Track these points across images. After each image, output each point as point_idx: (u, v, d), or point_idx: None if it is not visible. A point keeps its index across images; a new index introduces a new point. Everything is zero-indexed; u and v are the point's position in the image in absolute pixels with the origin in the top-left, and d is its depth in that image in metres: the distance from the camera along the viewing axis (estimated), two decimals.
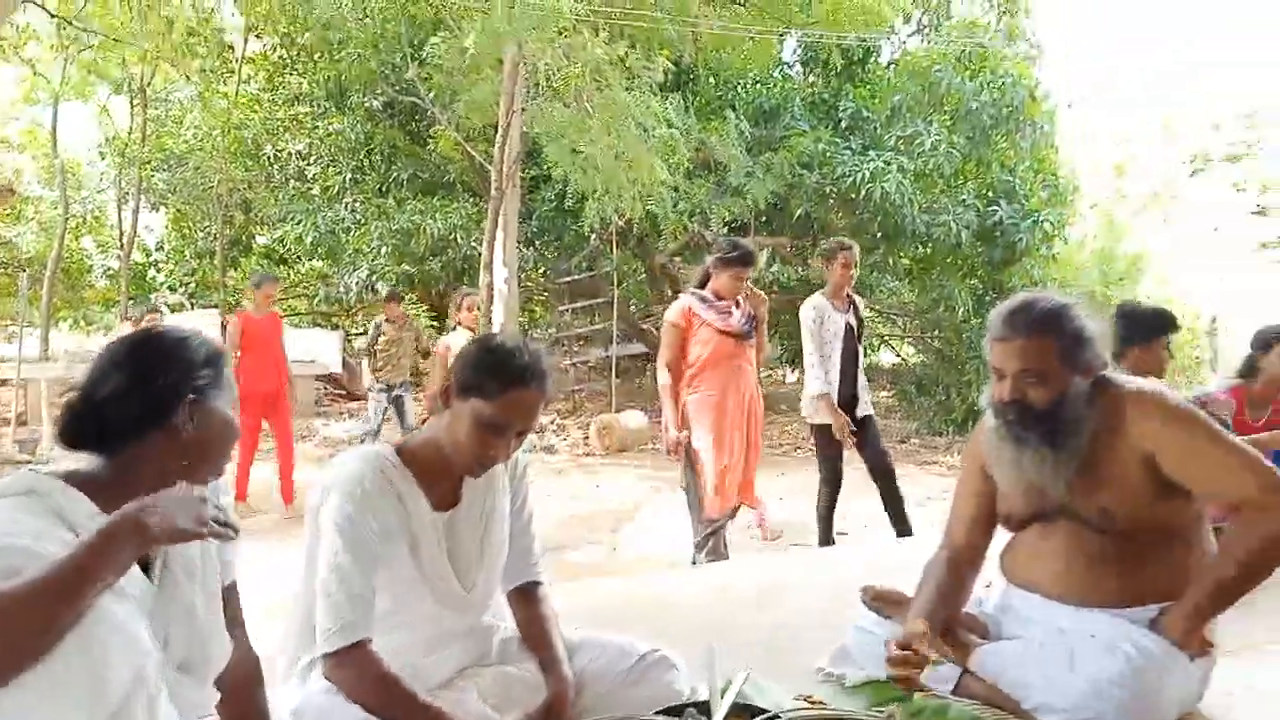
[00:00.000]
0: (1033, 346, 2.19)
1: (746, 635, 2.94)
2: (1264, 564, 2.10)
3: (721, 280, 4.65)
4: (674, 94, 11.45)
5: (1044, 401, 2.19)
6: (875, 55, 13.62)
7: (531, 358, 1.94)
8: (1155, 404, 2.21)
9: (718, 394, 4.65)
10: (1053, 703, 2.13)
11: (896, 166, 11.49)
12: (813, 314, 5.29)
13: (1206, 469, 2.14)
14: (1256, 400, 4.30)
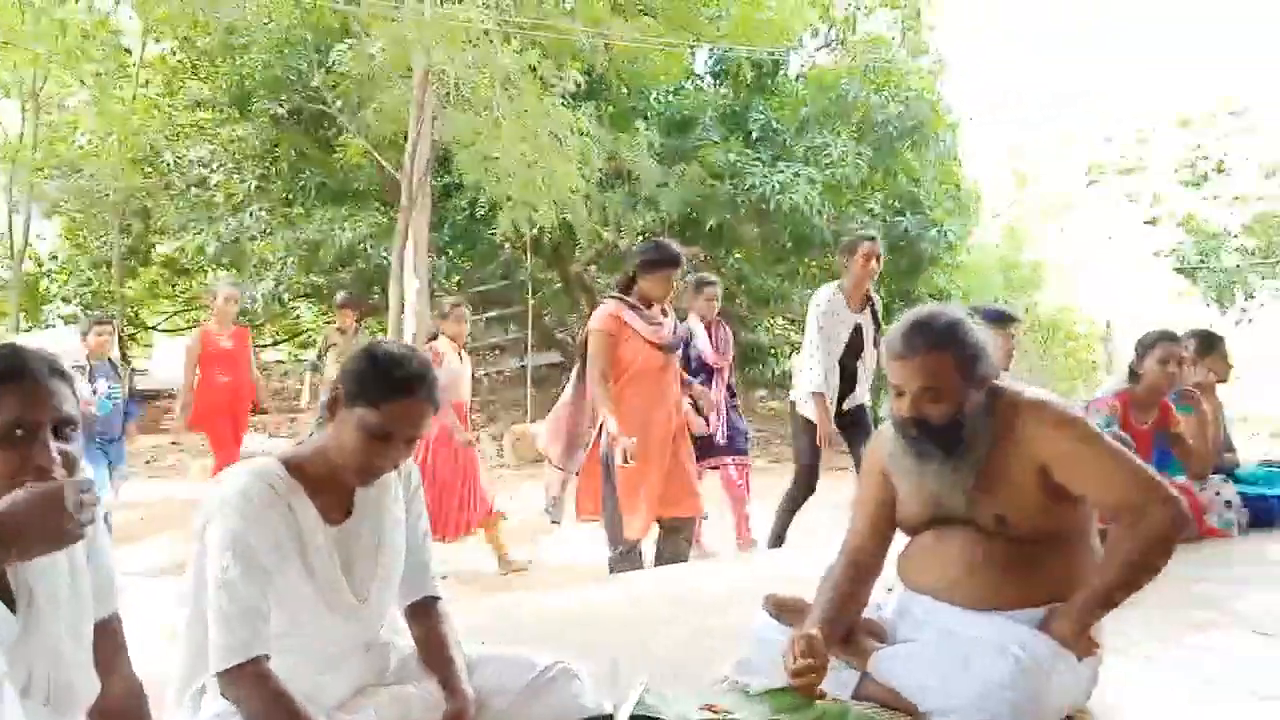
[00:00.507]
0: (930, 364, 2.23)
1: (658, 645, 2.94)
2: (1147, 566, 2.18)
3: (650, 284, 4.38)
4: (586, 103, 11.47)
5: (943, 416, 2.24)
6: (784, 68, 13.83)
7: (418, 365, 1.92)
8: (1046, 413, 2.27)
9: (642, 410, 4.39)
10: (946, 705, 2.17)
11: (805, 178, 11.68)
12: (822, 305, 5.07)
13: (1093, 475, 2.21)
14: (1140, 404, 4.46)
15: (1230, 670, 2.71)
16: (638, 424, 4.36)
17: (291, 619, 1.92)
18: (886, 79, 12.84)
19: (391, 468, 1.96)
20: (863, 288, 5.08)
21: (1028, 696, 2.11)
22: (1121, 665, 2.71)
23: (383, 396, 1.87)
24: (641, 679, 1.84)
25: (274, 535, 1.85)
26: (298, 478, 1.93)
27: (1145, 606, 3.34)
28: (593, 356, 4.42)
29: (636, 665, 2.60)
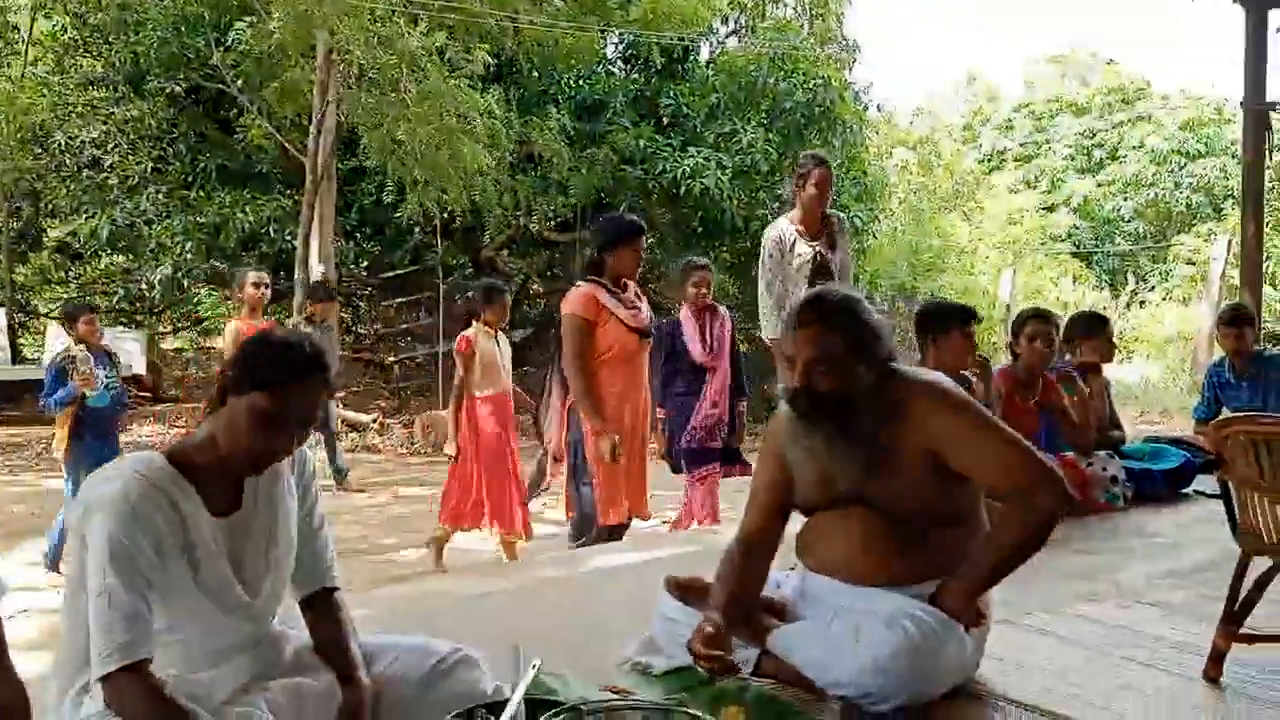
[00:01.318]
0: (824, 335, 2.28)
1: (563, 629, 2.95)
2: (1031, 544, 2.26)
3: (619, 259, 4.19)
4: (495, 86, 11.36)
5: (833, 388, 2.27)
6: (695, 54, 13.88)
7: (311, 349, 1.89)
8: (937, 396, 2.33)
9: (618, 398, 4.22)
10: (840, 679, 2.23)
11: (716, 163, 11.77)
12: (773, 245, 4.81)
13: (982, 459, 2.27)
14: (1021, 381, 4.61)
15: (1112, 638, 2.83)
16: (614, 413, 4.19)
17: (177, 616, 1.87)
18: (795, 66, 12.97)
19: (285, 454, 1.93)
20: (816, 214, 4.83)
21: (917, 668, 2.18)
22: (1011, 634, 2.82)
23: (274, 380, 1.84)
24: (534, 662, 1.84)
25: (155, 533, 1.80)
26: (183, 470, 1.88)
27: (1034, 578, 3.48)
28: (568, 343, 4.20)
29: (540, 650, 2.61)
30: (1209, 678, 2.47)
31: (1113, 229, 23.58)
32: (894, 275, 17.10)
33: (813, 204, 4.80)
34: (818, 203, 4.82)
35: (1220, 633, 2.47)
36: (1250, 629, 2.51)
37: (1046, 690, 2.42)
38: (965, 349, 4.13)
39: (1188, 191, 22.25)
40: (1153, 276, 21.38)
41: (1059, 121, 27.39)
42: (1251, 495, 2.41)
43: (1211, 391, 5.78)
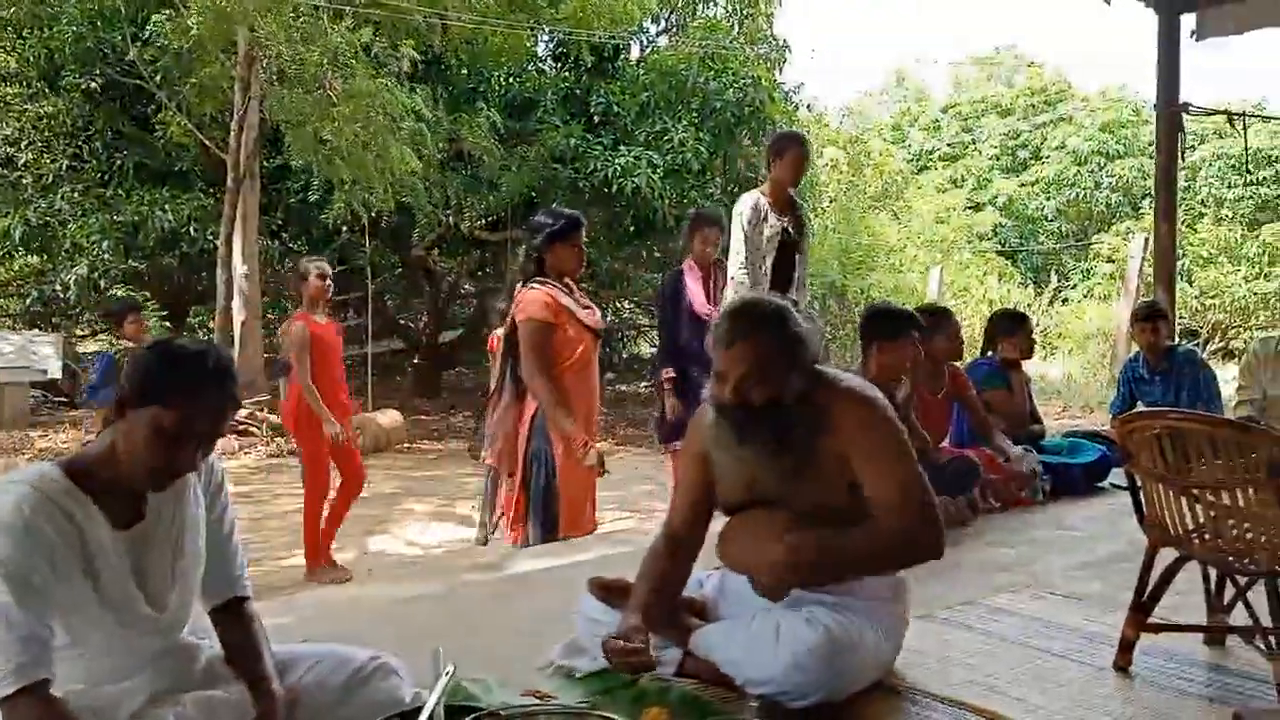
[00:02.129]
0: (754, 351, 2.26)
1: (486, 634, 2.92)
2: (877, 567, 2.30)
3: (562, 256, 3.99)
4: (423, 84, 11.23)
5: (764, 401, 2.28)
6: (626, 53, 13.87)
7: (216, 361, 1.83)
8: (857, 406, 2.34)
9: (584, 404, 4.05)
10: (760, 677, 2.24)
11: (647, 162, 11.77)
12: (749, 212, 4.72)
13: (876, 476, 2.29)
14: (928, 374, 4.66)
15: (1028, 629, 2.89)
16: (582, 420, 4.00)
17: (79, 632, 1.81)
18: (725, 65, 13.03)
19: (187, 470, 1.86)
20: (785, 191, 4.81)
21: (835, 665, 2.21)
22: (929, 628, 2.86)
23: (177, 395, 1.78)
24: (448, 668, 1.82)
25: (50, 549, 1.74)
26: (80, 481, 1.81)
27: (954, 572, 3.55)
28: (531, 350, 3.94)
29: (463, 655, 2.58)
30: (1118, 667, 2.53)
31: (1037, 228, 24.12)
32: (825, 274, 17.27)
33: (784, 180, 4.79)
34: (790, 180, 4.81)
35: (1129, 622, 2.54)
36: (1158, 618, 2.58)
37: (963, 683, 2.46)
38: (909, 356, 4.13)
39: (1107, 191, 22.83)
40: (1075, 274, 21.89)
41: (985, 122, 27.94)
42: (1156, 488, 2.48)
43: (1127, 386, 5.93)
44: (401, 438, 10.42)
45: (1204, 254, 18.13)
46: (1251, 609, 2.37)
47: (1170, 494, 2.43)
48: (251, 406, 10.43)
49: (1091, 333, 17.00)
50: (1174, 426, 2.38)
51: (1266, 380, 5.34)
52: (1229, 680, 2.48)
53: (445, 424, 11.41)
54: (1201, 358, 6.09)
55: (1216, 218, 20.30)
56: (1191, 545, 2.44)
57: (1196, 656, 2.64)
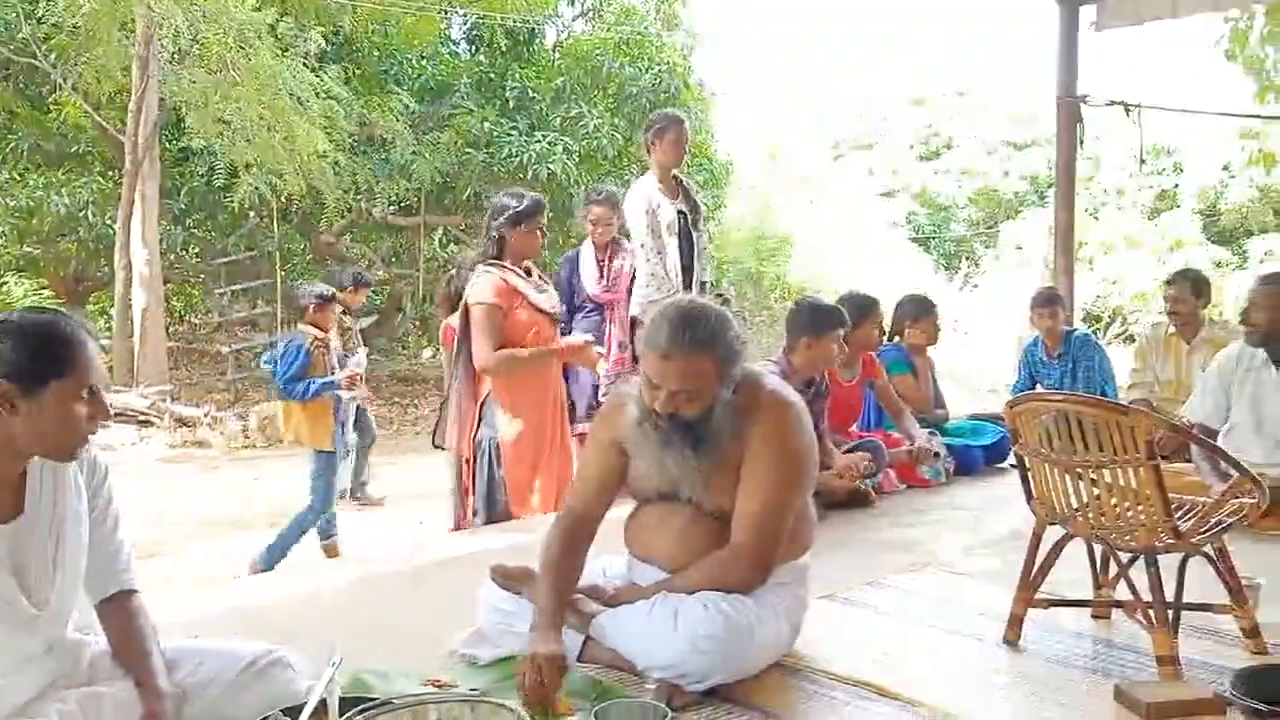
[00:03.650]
0: (693, 368, 2.24)
1: (394, 624, 2.89)
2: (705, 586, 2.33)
3: (522, 239, 3.93)
4: (333, 66, 10.99)
5: (696, 412, 2.29)
6: (541, 37, 13.76)
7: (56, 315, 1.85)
8: (772, 418, 2.36)
9: (538, 390, 3.99)
10: (660, 661, 2.25)
11: (562, 147, 11.70)
12: (642, 201, 4.64)
13: (747, 490, 2.33)
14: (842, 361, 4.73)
15: (925, 607, 2.95)
16: (529, 407, 3.97)
17: None
18: (641, 51, 13.02)
19: (107, 417, 1.88)
20: (671, 173, 4.76)
21: (733, 647, 2.23)
22: (829, 609, 2.91)
23: (63, 362, 1.78)
24: (334, 660, 1.79)
25: None
26: None
27: (856, 552, 3.62)
28: (480, 333, 3.89)
29: (366, 645, 2.55)
30: (1008, 641, 2.61)
31: (948, 215, 24.65)
32: (741, 261, 17.43)
33: (668, 163, 4.76)
34: (673, 161, 4.78)
35: (1018, 599, 2.61)
36: (1047, 594, 2.66)
37: (861, 661, 2.50)
38: (835, 351, 4.18)
39: (1015, 179, 23.42)
40: (985, 261, 22.44)
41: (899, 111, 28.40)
42: (1041, 467, 2.55)
43: (1027, 370, 6.09)
44: None
45: (1106, 242, 18.71)
46: (1132, 585, 2.45)
47: (1055, 474, 2.51)
48: (154, 396, 10.13)
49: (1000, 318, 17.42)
50: (1058, 408, 2.45)
51: (1158, 364, 5.55)
52: (1112, 653, 2.57)
53: None
54: (1097, 342, 6.29)
55: (1118, 207, 20.98)
56: (1076, 524, 2.52)
57: (1083, 630, 2.72)
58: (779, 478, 2.34)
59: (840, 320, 4.14)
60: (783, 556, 2.44)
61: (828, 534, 3.81)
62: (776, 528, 2.35)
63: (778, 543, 2.37)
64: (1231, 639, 2.58)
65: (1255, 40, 9.69)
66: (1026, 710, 2.22)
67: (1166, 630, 2.33)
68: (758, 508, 2.32)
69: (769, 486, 2.33)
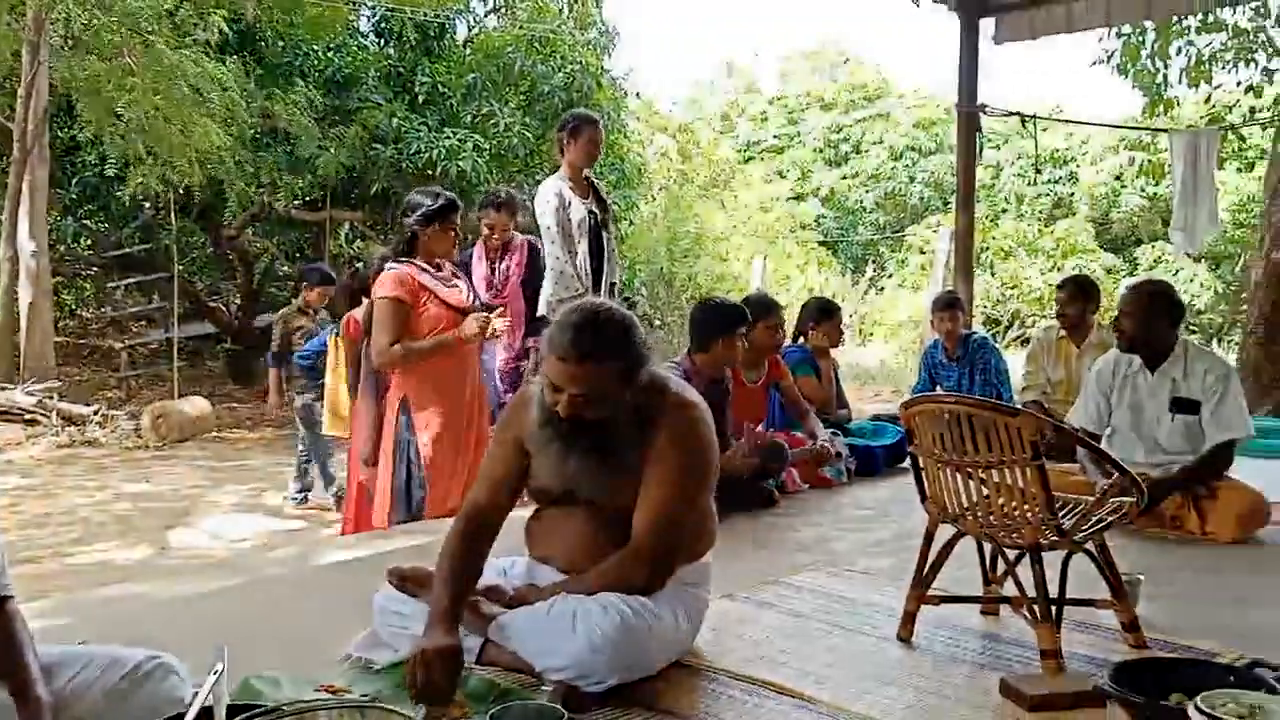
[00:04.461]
0: (595, 372, 2.24)
1: (288, 629, 2.82)
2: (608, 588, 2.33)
3: (436, 238, 3.92)
4: (234, 57, 10.68)
5: (599, 417, 2.28)
6: (452, 32, 13.59)
7: None
8: (676, 423, 2.37)
9: (450, 387, 3.95)
10: (558, 663, 2.24)
11: (473, 145, 11.58)
12: (554, 199, 4.62)
13: (649, 498, 2.34)
14: (748, 363, 4.80)
15: (823, 605, 3.00)
16: (445, 404, 3.93)
17: None
18: (553, 50, 12.96)
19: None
20: (583, 174, 4.81)
21: (631, 647, 2.23)
22: (730, 607, 2.93)
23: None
24: (217, 667, 1.73)
25: None
26: None
27: (757, 552, 3.66)
28: (381, 328, 3.85)
29: (259, 651, 2.48)
30: (901, 638, 2.66)
31: (856, 219, 25.13)
32: (653, 261, 17.49)
33: (580, 162, 4.78)
34: (586, 161, 4.80)
35: (910, 596, 2.67)
36: (939, 591, 2.72)
37: (758, 659, 2.53)
38: (740, 351, 4.24)
39: (920, 185, 24.00)
40: (891, 264, 22.94)
41: (809, 116, 28.85)
42: (934, 467, 2.61)
43: (927, 372, 6.25)
44: (209, 426, 9.92)
45: (1005, 247, 19.30)
46: (1019, 581, 2.53)
47: (947, 474, 2.57)
48: (40, 394, 9.72)
49: (904, 320, 17.85)
50: (950, 410, 2.51)
51: (1049, 367, 5.74)
52: (1000, 647, 2.64)
53: (258, 411, 10.93)
54: (994, 345, 6.48)
55: (1017, 214, 21.66)
56: (966, 522, 2.59)
57: (972, 626, 2.80)
58: (681, 480, 2.36)
59: (742, 319, 4.20)
60: (685, 557, 2.46)
61: (730, 534, 3.85)
62: (678, 530, 2.37)
63: (679, 545, 2.40)
64: (1112, 633, 2.68)
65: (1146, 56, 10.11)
66: (916, 704, 2.27)
67: (1050, 625, 2.40)
68: (659, 510, 2.33)
69: (671, 489, 2.34)
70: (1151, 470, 3.91)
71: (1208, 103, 12.05)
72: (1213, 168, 8.14)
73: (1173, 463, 3.96)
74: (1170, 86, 10.22)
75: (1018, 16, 7.68)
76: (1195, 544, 3.81)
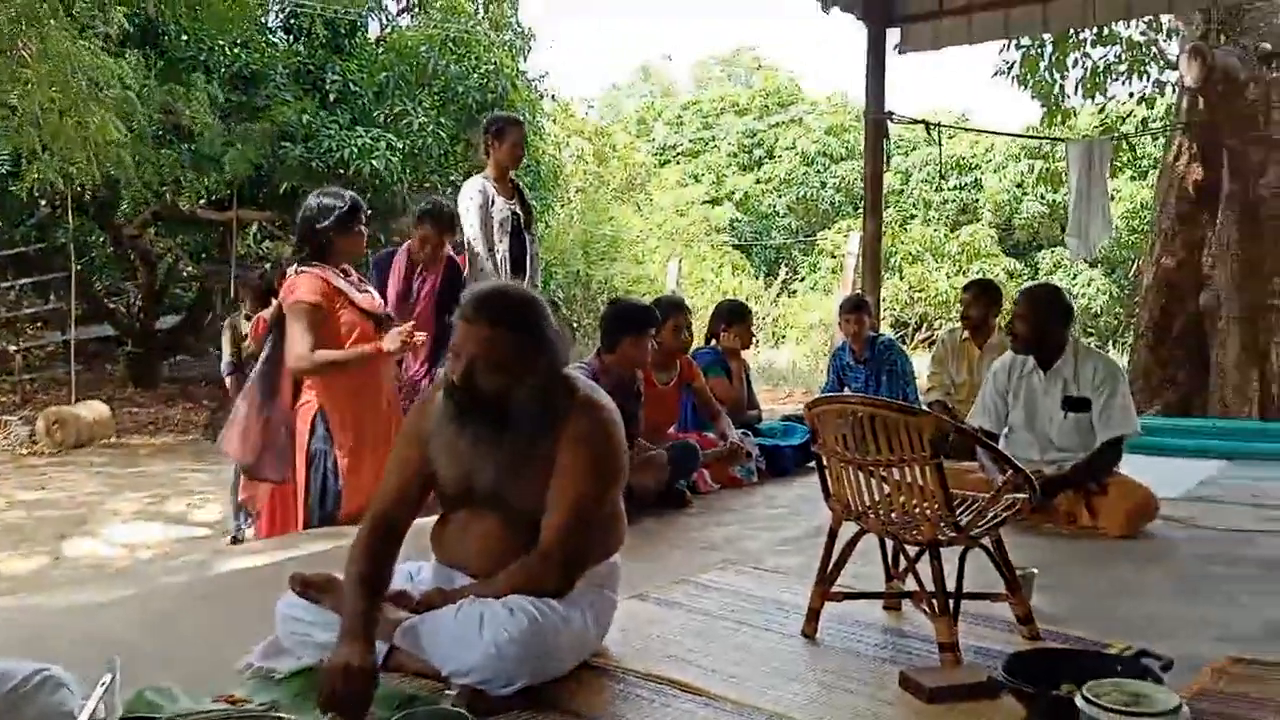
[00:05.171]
0: (493, 335, 2.25)
1: (188, 638, 2.75)
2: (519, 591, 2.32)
3: (348, 242, 3.86)
4: (136, 51, 10.35)
5: (494, 388, 2.26)
6: (364, 29, 13.39)
7: None
8: (586, 420, 2.37)
9: (366, 395, 3.88)
10: (465, 667, 2.22)
11: (386, 144, 11.43)
12: (478, 197, 4.63)
13: (557, 499, 2.34)
14: (658, 364, 4.84)
15: (731, 604, 3.03)
16: (359, 412, 3.87)
17: None
18: (468, 50, 12.86)
19: None
20: (507, 175, 4.80)
21: (538, 649, 2.23)
22: (639, 608, 2.95)
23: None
24: (103, 680, 1.68)
25: None
26: None
27: (668, 552, 3.68)
28: (300, 335, 3.74)
29: (155, 662, 2.42)
30: (805, 634, 2.71)
31: (769, 223, 25.44)
32: (569, 263, 17.48)
33: (505, 163, 4.79)
34: (511, 163, 4.82)
35: (815, 593, 2.72)
36: (843, 587, 2.78)
37: (666, 658, 2.54)
38: (648, 351, 4.27)
39: (831, 191, 24.41)
40: (803, 268, 23.29)
41: (724, 120, 29.12)
42: (836, 466, 2.67)
43: (836, 373, 6.37)
44: (108, 431, 9.60)
45: (913, 251, 19.76)
46: (919, 577, 2.59)
47: (850, 472, 2.63)
48: None
49: (815, 323, 18.13)
50: (853, 410, 2.56)
51: (953, 368, 5.91)
52: (901, 641, 2.70)
53: (161, 416, 10.64)
54: (900, 347, 6.64)
55: (925, 219, 22.19)
56: (869, 520, 2.65)
57: (875, 621, 2.86)
58: (589, 481, 2.36)
59: (650, 320, 4.25)
60: (594, 558, 2.47)
61: (642, 534, 3.88)
62: (587, 531, 2.37)
63: (587, 547, 2.40)
64: (1008, 626, 2.77)
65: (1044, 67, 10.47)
66: (820, 698, 2.31)
67: (948, 619, 2.47)
68: (567, 511, 2.33)
69: (579, 489, 2.34)
70: (1047, 467, 4.06)
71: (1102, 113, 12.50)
72: (1106, 176, 8.47)
73: (1067, 459, 4.10)
74: (1067, 97, 10.60)
75: (921, 27, 7.88)
76: (1087, 538, 3.95)
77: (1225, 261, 8.81)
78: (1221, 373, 8.72)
